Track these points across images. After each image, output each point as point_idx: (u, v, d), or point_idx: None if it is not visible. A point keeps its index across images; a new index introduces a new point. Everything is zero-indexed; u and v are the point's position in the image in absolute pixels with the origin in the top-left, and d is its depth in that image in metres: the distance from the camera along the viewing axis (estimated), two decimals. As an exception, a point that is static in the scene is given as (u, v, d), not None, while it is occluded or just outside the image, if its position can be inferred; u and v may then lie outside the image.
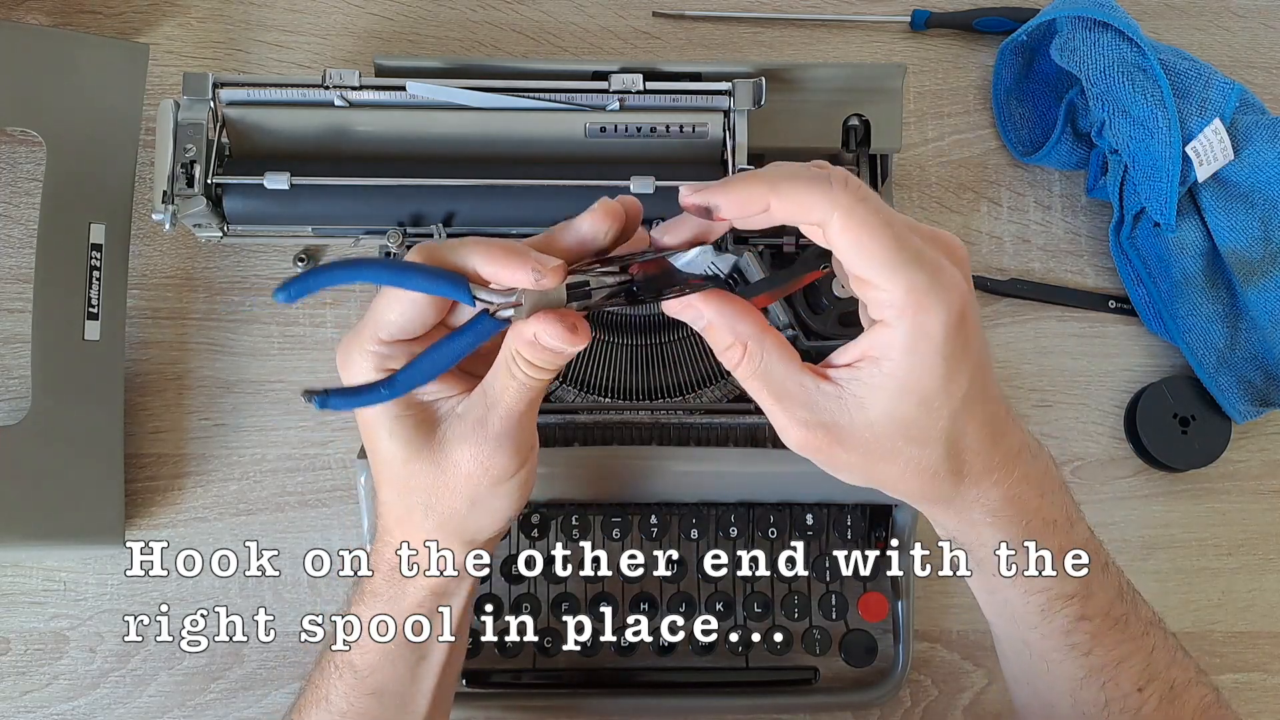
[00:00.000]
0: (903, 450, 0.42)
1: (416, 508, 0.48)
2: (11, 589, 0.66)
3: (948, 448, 0.42)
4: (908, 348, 0.40)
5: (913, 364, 0.40)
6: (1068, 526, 0.47)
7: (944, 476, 0.43)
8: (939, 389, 0.41)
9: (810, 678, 0.64)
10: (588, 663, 0.63)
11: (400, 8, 0.74)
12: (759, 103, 0.62)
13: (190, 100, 0.61)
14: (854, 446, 0.42)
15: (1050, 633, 0.48)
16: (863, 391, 0.41)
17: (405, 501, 0.48)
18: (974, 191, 0.74)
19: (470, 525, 0.48)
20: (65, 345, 0.63)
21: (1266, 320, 0.68)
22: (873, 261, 0.39)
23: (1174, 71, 0.67)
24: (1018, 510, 0.45)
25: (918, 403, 0.41)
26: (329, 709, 0.50)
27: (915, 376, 0.40)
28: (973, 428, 0.43)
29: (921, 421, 0.41)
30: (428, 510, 0.48)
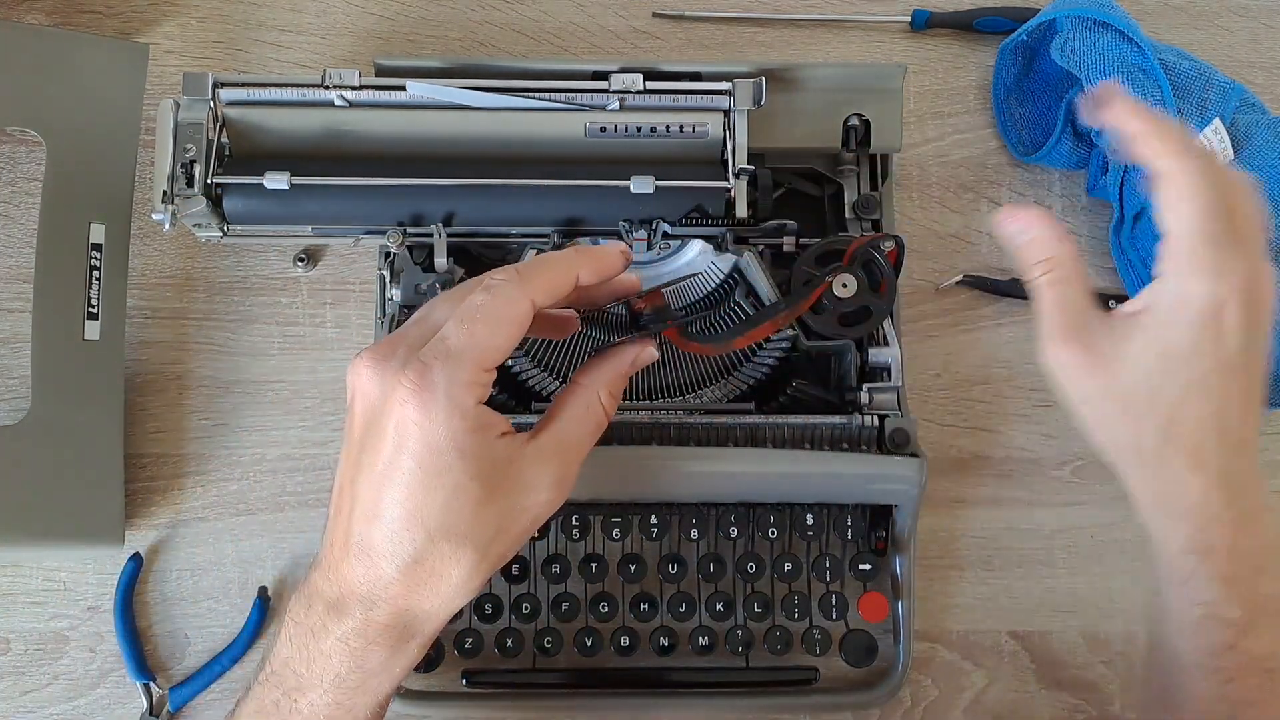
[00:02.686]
0: (1137, 394, 0.47)
1: (465, 558, 0.45)
2: (11, 589, 0.66)
3: (1169, 416, 0.47)
4: (1169, 305, 0.46)
5: (1168, 320, 0.46)
6: (1254, 570, 0.48)
7: (1154, 444, 0.48)
8: (1182, 350, 0.46)
9: (810, 678, 0.64)
10: (588, 663, 0.63)
11: (400, 8, 0.74)
12: (759, 102, 0.62)
13: (190, 100, 0.61)
14: (1101, 372, 0.48)
15: (1199, 647, 0.48)
16: (1127, 331, 0.47)
17: (451, 552, 0.45)
18: (974, 191, 0.74)
19: (500, 565, 0.47)
20: (65, 345, 0.63)
21: None
22: (1179, 214, 0.46)
23: (1174, 71, 0.67)
24: (1209, 522, 0.48)
25: (1159, 357, 0.47)
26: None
27: (1166, 329, 0.47)
28: (1199, 414, 0.47)
29: (1157, 375, 0.47)
30: (481, 559, 0.45)
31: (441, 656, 0.62)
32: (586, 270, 0.48)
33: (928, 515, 0.68)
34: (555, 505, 0.48)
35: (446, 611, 0.47)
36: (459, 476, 0.44)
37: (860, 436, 0.61)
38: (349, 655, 0.46)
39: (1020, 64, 0.73)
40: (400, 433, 0.44)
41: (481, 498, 0.45)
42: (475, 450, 0.44)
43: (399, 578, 0.45)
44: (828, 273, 0.59)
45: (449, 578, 0.45)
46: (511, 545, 0.47)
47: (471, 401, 0.44)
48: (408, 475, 0.44)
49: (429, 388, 0.44)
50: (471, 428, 0.44)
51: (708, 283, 0.64)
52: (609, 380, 0.50)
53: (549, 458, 0.47)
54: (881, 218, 0.67)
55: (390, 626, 0.46)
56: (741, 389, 0.63)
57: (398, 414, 0.44)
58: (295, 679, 0.46)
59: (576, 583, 0.63)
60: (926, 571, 0.68)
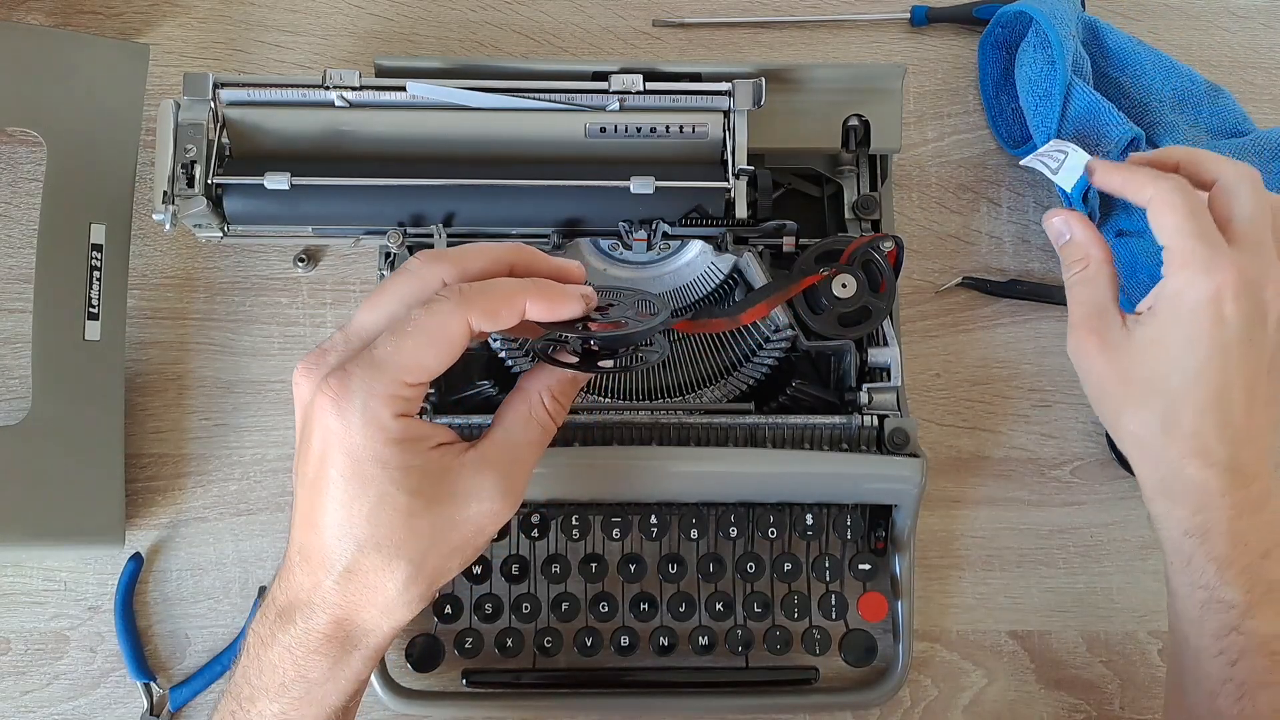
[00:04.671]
0: (1140, 382, 0.52)
1: (399, 571, 0.44)
2: (12, 589, 0.66)
3: (1169, 403, 0.51)
4: (1169, 297, 0.51)
5: (1168, 312, 0.51)
6: (1259, 555, 0.50)
7: (1157, 429, 0.51)
8: (1179, 341, 0.51)
9: (810, 678, 0.64)
10: (588, 663, 0.63)
11: (400, 8, 0.74)
12: (759, 103, 0.62)
13: (191, 100, 0.61)
14: (1112, 361, 0.53)
15: (1204, 633, 0.51)
16: (1134, 325, 0.53)
17: (383, 564, 0.44)
18: (974, 192, 0.74)
19: (444, 580, 0.47)
20: (66, 345, 0.63)
21: None
22: (1167, 228, 0.51)
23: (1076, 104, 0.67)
24: (1207, 506, 0.51)
25: (1163, 345, 0.51)
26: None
27: (1167, 322, 0.51)
28: (1197, 402, 0.51)
29: (1158, 364, 0.51)
30: (416, 572, 0.45)
31: (441, 656, 0.63)
32: (538, 307, 0.46)
33: (927, 515, 0.68)
34: (502, 514, 0.46)
35: (390, 623, 0.46)
36: (384, 487, 0.43)
37: (860, 436, 0.61)
38: (293, 664, 0.45)
39: (1004, 58, 0.74)
40: (323, 441, 0.44)
41: (411, 509, 0.44)
42: (399, 462, 0.44)
43: (335, 587, 0.45)
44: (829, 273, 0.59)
45: (384, 589, 0.45)
46: (454, 556, 0.46)
47: (389, 414, 0.43)
48: (332, 485, 0.44)
49: (346, 397, 0.43)
50: (392, 440, 0.43)
51: (708, 283, 0.64)
52: (552, 385, 0.49)
53: (488, 467, 0.46)
54: (881, 218, 0.67)
55: (330, 636, 0.45)
56: (741, 389, 0.63)
57: (319, 422, 0.44)
58: (249, 688, 0.46)
59: (576, 583, 0.63)
60: (926, 571, 0.68)
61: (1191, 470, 0.51)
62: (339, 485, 0.44)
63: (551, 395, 0.48)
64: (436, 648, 0.63)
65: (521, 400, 0.48)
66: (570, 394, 0.50)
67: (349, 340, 0.45)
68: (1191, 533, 0.51)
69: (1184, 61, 0.73)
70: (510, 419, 0.48)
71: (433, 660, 0.62)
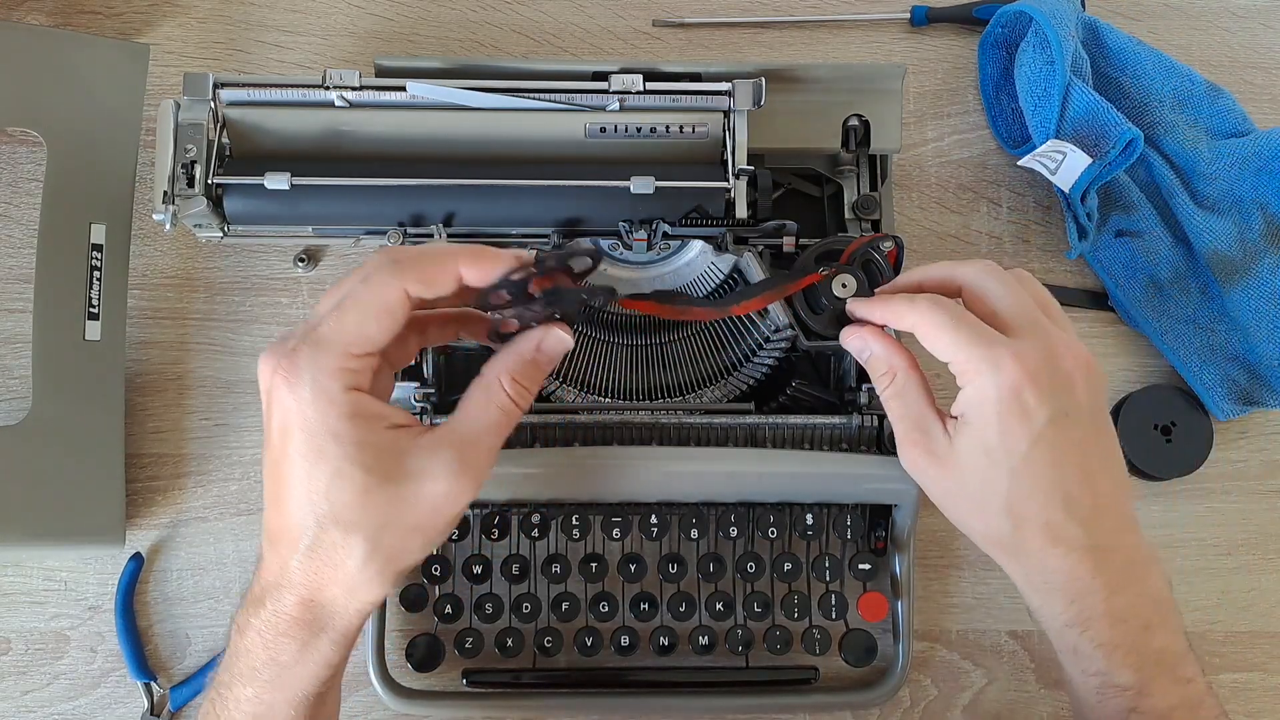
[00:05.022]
0: (976, 490, 0.50)
1: (357, 547, 0.45)
2: (12, 589, 0.66)
3: (1008, 503, 0.50)
4: (973, 406, 0.50)
5: (976, 420, 0.50)
6: (1140, 630, 0.50)
7: (1007, 531, 0.50)
8: (996, 443, 0.49)
9: (810, 677, 0.64)
10: (588, 662, 0.63)
11: (400, 8, 0.74)
12: (759, 103, 0.62)
13: (191, 100, 0.61)
14: (946, 474, 0.51)
15: (1104, 717, 0.50)
16: (955, 432, 0.51)
17: (342, 540, 0.45)
18: (974, 192, 0.74)
19: (409, 561, 0.47)
20: (66, 345, 0.63)
21: (1249, 319, 0.69)
22: (942, 346, 0.50)
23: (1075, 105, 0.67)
24: (1081, 594, 0.49)
25: (983, 451, 0.50)
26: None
27: (978, 429, 0.50)
28: (1036, 495, 0.49)
29: (985, 470, 0.50)
30: (373, 548, 0.45)
31: (442, 656, 0.63)
32: (470, 269, 0.47)
33: (927, 515, 0.68)
34: (458, 495, 0.46)
35: (355, 604, 0.46)
36: (338, 462, 0.44)
37: (859, 436, 0.61)
38: (263, 647, 0.46)
39: (1004, 58, 0.74)
40: (281, 419, 0.45)
41: (366, 485, 0.44)
42: (353, 436, 0.44)
43: (299, 566, 0.45)
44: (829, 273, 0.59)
45: (345, 565, 0.45)
46: (412, 536, 0.46)
47: (339, 387, 0.44)
48: (290, 461, 0.45)
49: (295, 372, 0.44)
50: (345, 414, 0.44)
51: (708, 283, 0.64)
52: (511, 367, 0.48)
53: (443, 447, 0.46)
54: (881, 218, 0.67)
55: (297, 618, 0.46)
56: (741, 389, 0.63)
57: (275, 400, 0.45)
58: (227, 675, 0.47)
59: (576, 583, 0.63)
60: (926, 571, 0.68)
61: (1055, 560, 0.49)
62: (297, 463, 0.45)
63: (511, 378, 0.48)
64: (437, 647, 0.63)
65: (480, 384, 0.49)
66: (531, 375, 0.49)
67: (305, 326, 0.47)
68: (1072, 624, 0.50)
69: (1184, 61, 0.73)
70: (468, 403, 0.48)
71: (433, 660, 0.62)
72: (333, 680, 0.48)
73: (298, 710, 0.47)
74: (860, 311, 0.56)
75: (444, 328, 0.53)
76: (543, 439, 0.61)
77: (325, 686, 0.48)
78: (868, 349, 0.55)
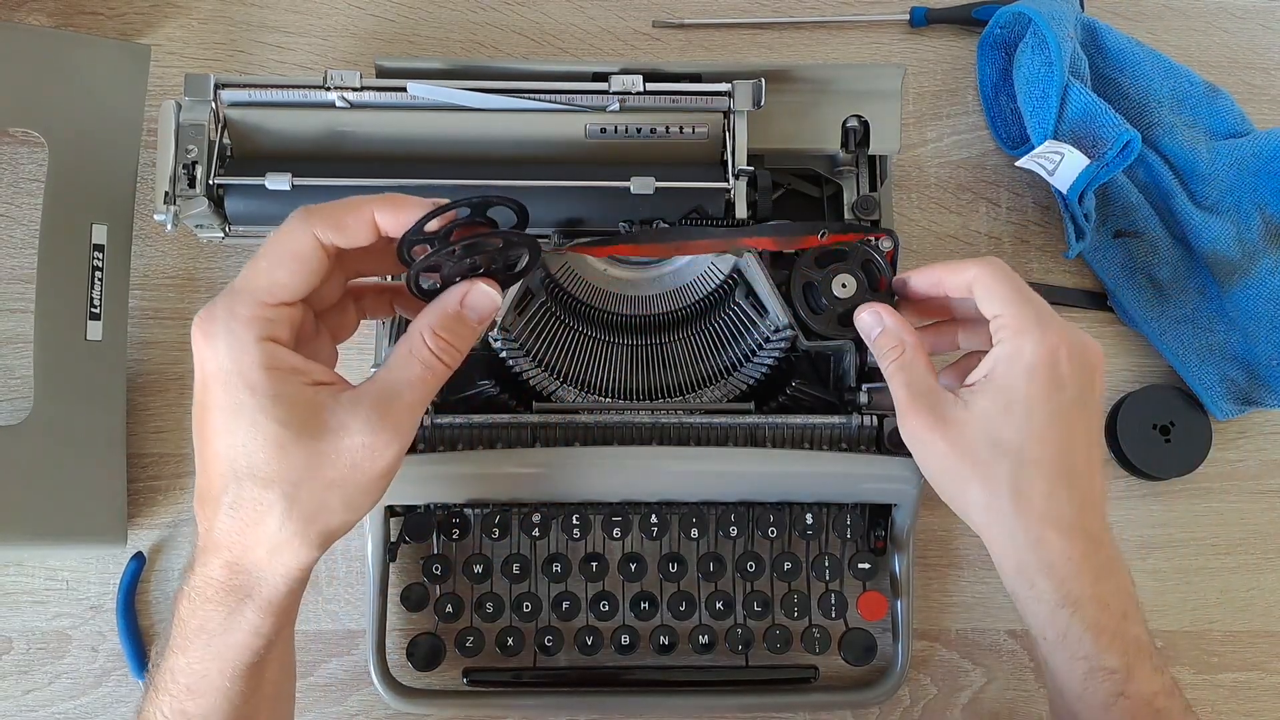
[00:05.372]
0: (983, 452, 0.50)
1: (275, 503, 0.44)
2: (14, 588, 0.66)
3: (1017, 469, 0.49)
4: (1005, 359, 0.50)
5: (1007, 372, 0.50)
6: (1120, 617, 0.50)
7: (1010, 506, 0.50)
8: (1021, 401, 0.50)
9: (810, 676, 0.64)
10: (588, 661, 0.63)
11: (401, 9, 0.74)
12: (758, 104, 0.62)
13: (192, 101, 0.61)
14: (950, 436, 0.51)
15: (1091, 705, 0.50)
16: (969, 395, 0.51)
17: (260, 496, 0.44)
18: (973, 192, 0.74)
19: (334, 522, 0.46)
20: (67, 345, 0.63)
21: (1248, 319, 0.69)
22: (996, 297, 0.51)
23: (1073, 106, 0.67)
24: (1074, 575, 0.49)
25: (1002, 410, 0.50)
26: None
27: (1004, 386, 0.50)
28: (1042, 467, 0.50)
29: (1001, 430, 0.50)
30: (290, 505, 0.44)
31: (443, 655, 0.63)
32: (384, 215, 0.46)
33: (927, 514, 0.68)
34: (378, 449, 0.45)
35: (280, 567, 0.45)
36: (253, 415, 0.43)
37: (859, 436, 0.62)
38: (192, 614, 0.45)
39: (1003, 58, 0.74)
40: (200, 374, 0.45)
41: (281, 439, 0.43)
42: (269, 389, 0.44)
43: (222, 525, 0.45)
44: (828, 273, 0.60)
45: (265, 523, 0.44)
46: (331, 493, 0.45)
47: (252, 336, 0.44)
48: (210, 415, 0.44)
49: (211, 324, 0.44)
50: (259, 364, 0.44)
51: (708, 283, 0.64)
52: (433, 321, 0.47)
53: (361, 402, 0.45)
54: (880, 219, 0.67)
55: (223, 583, 0.45)
56: (741, 389, 0.63)
57: (196, 357, 0.45)
58: (167, 645, 0.47)
59: (576, 582, 0.63)
60: (925, 570, 0.68)
61: (1052, 538, 0.49)
62: (216, 416, 0.44)
63: (433, 332, 0.47)
64: (438, 647, 0.63)
65: (404, 339, 0.48)
66: (456, 331, 0.48)
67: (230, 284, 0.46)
68: (1063, 604, 0.50)
69: (1182, 62, 0.73)
70: (392, 358, 0.47)
71: (434, 659, 0.63)
72: (269, 649, 0.47)
73: (233, 681, 0.46)
74: (914, 278, 0.56)
75: (379, 298, 0.53)
76: (543, 439, 0.61)
77: (259, 655, 0.46)
78: (880, 323, 0.55)
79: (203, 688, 0.46)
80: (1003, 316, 0.51)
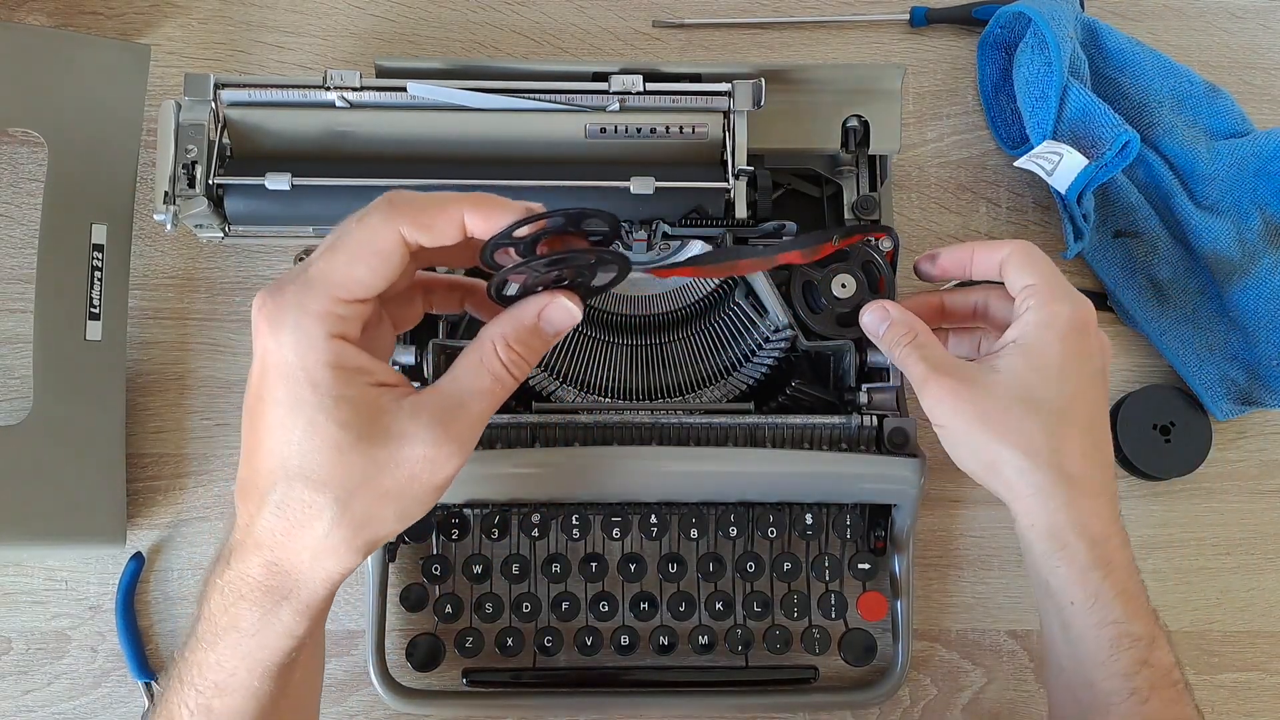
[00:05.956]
0: (1014, 413, 0.50)
1: (325, 508, 0.42)
2: (13, 588, 0.66)
3: (1053, 429, 0.49)
4: (1039, 322, 0.51)
5: (1040, 335, 0.51)
6: (1141, 586, 0.51)
7: (1045, 462, 0.49)
8: (1057, 363, 0.50)
9: (810, 677, 0.64)
10: (588, 662, 0.63)
11: (401, 9, 0.74)
12: (758, 104, 0.62)
13: (192, 101, 0.61)
14: (977, 399, 0.50)
15: (1114, 673, 0.49)
16: (994, 360, 0.51)
17: (311, 499, 0.42)
18: (973, 192, 0.74)
19: (383, 531, 0.44)
20: (67, 345, 0.63)
21: (1248, 319, 0.69)
22: (1029, 270, 0.52)
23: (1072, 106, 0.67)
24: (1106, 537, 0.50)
25: (1038, 368, 0.50)
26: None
27: (1040, 346, 0.50)
28: (1077, 430, 0.50)
29: (1037, 388, 0.50)
30: (342, 511, 0.42)
31: (442, 656, 0.63)
32: (474, 217, 0.43)
33: (927, 515, 0.68)
34: (439, 463, 0.43)
35: (321, 572, 0.43)
36: (313, 413, 0.41)
37: (859, 436, 0.62)
38: (224, 611, 0.43)
39: (1004, 58, 0.74)
40: (260, 363, 0.42)
41: (341, 442, 0.41)
42: (331, 389, 0.41)
43: (266, 524, 0.42)
44: (828, 273, 0.60)
45: (312, 527, 0.42)
46: (386, 503, 0.43)
47: (322, 332, 0.41)
48: (265, 407, 0.42)
49: (280, 314, 0.41)
50: (326, 362, 0.41)
51: (708, 283, 0.64)
52: (508, 333, 0.45)
53: (426, 411, 0.43)
54: (880, 218, 0.67)
55: (260, 582, 0.43)
56: (741, 389, 0.63)
57: (258, 344, 0.42)
58: (194, 638, 0.45)
59: (576, 582, 0.63)
60: (925, 571, 0.68)
61: (1086, 499, 0.50)
62: (273, 410, 0.42)
63: (506, 343, 0.45)
64: (437, 647, 0.63)
65: (474, 348, 0.45)
66: (530, 345, 0.46)
67: (299, 267, 0.44)
68: (1096, 565, 0.49)
69: (1182, 62, 0.73)
70: (460, 366, 0.45)
71: (433, 660, 0.63)
72: (300, 650, 0.45)
73: (262, 680, 0.44)
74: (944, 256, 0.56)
75: (450, 294, 0.51)
76: (543, 439, 0.61)
77: (292, 657, 0.45)
78: (887, 316, 0.55)
79: (231, 686, 0.44)
80: (1036, 285, 0.52)
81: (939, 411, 0.52)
